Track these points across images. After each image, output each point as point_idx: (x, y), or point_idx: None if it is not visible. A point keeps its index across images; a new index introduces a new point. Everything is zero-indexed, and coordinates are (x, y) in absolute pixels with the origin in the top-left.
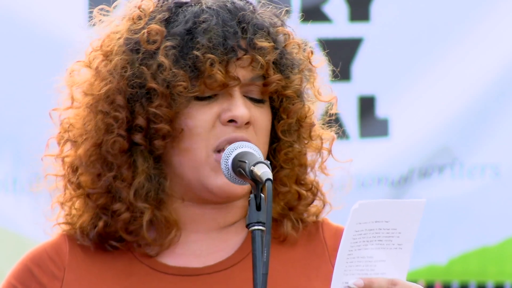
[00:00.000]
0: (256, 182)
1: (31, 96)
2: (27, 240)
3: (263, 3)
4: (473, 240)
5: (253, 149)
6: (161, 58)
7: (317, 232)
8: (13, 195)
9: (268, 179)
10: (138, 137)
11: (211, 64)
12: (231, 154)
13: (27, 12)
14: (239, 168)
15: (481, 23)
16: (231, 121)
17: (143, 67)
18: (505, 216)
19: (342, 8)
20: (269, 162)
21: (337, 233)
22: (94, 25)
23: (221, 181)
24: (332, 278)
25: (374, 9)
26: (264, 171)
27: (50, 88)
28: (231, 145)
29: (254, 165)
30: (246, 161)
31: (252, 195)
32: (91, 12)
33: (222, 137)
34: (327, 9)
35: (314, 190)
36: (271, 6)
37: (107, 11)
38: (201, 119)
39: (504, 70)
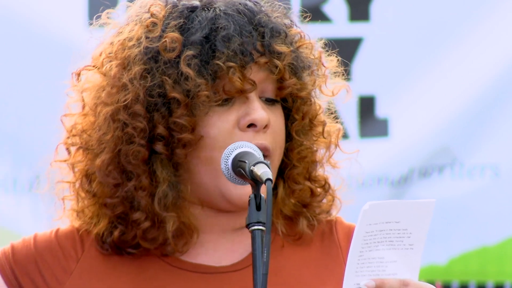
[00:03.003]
0: (256, 182)
1: (31, 96)
2: None
3: (263, 2)
4: (473, 240)
5: (253, 149)
6: (184, 68)
7: (331, 233)
8: (13, 195)
9: (268, 179)
10: (159, 146)
11: (232, 73)
12: (231, 154)
13: (28, 12)
14: (239, 168)
15: (481, 23)
16: (250, 125)
17: (165, 77)
18: (505, 216)
19: (342, 8)
20: (269, 162)
21: (351, 232)
22: (97, 27)
23: (241, 190)
24: (343, 279)
25: (374, 9)
26: (264, 171)
27: (50, 88)
28: (230, 145)
29: (254, 165)
30: (246, 161)
31: (252, 195)
32: (91, 12)
33: None
34: (327, 9)
35: (326, 187)
36: (277, 2)
37: (110, 15)
38: (221, 127)
39: (504, 71)
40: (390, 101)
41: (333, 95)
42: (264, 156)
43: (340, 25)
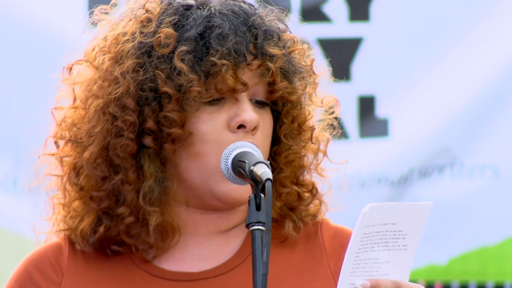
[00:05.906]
0: (256, 182)
1: (31, 96)
2: (27, 240)
3: (263, 3)
4: (473, 240)
5: (253, 149)
6: (178, 63)
7: (316, 234)
8: (13, 195)
9: (268, 179)
10: (148, 141)
11: (225, 70)
12: (230, 154)
13: (27, 12)
14: (239, 168)
15: (481, 23)
16: (240, 126)
17: (158, 71)
18: (505, 216)
19: (342, 8)
20: (269, 162)
21: (336, 234)
22: (94, 24)
23: (229, 187)
24: (338, 279)
25: (374, 9)
26: (264, 171)
27: (50, 88)
28: (230, 145)
29: (254, 165)
30: (246, 161)
31: (252, 195)
32: (91, 12)
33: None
34: (327, 9)
35: (313, 191)
36: (270, 7)
37: (107, 11)
38: (211, 125)
39: (504, 71)
40: (390, 101)
41: (322, 105)
42: None
43: (340, 25)
